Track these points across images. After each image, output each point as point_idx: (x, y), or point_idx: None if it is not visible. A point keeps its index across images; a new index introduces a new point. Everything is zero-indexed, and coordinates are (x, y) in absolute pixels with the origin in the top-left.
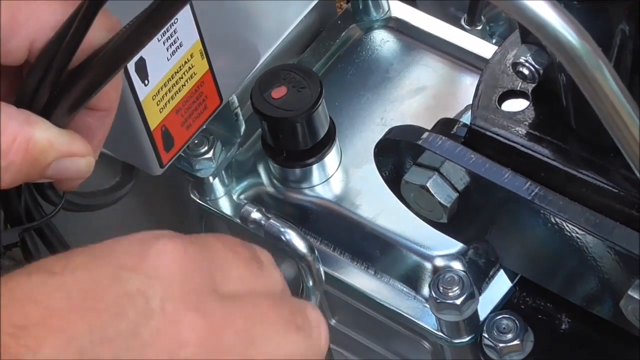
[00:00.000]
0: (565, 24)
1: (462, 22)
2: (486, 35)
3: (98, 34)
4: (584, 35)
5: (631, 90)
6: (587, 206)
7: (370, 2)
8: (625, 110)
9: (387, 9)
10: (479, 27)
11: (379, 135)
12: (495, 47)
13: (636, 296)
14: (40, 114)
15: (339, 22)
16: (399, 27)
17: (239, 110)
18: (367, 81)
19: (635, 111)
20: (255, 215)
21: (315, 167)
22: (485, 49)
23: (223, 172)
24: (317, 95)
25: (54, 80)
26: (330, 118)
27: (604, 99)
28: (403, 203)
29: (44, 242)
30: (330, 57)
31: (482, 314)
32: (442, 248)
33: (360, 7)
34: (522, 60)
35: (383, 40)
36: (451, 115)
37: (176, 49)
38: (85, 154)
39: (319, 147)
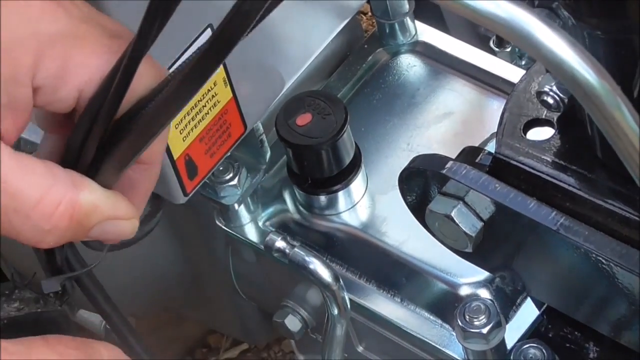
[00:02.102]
0: (583, 62)
1: (491, 44)
2: (515, 57)
3: (143, 81)
4: (602, 74)
5: None
6: (613, 236)
7: (397, 26)
8: None
9: (414, 32)
10: (508, 49)
11: (405, 161)
12: (524, 71)
13: None
14: (87, 172)
15: (366, 46)
16: (426, 52)
17: (264, 137)
18: (394, 106)
19: None
20: (280, 244)
21: (340, 193)
22: (513, 73)
23: (249, 198)
24: (342, 123)
25: (101, 134)
26: (356, 144)
27: (623, 138)
28: (428, 231)
29: (80, 286)
30: (357, 82)
31: (510, 343)
32: (468, 276)
33: (387, 30)
34: (546, 89)
35: (410, 65)
36: (478, 141)
37: None
38: (129, 217)
39: (345, 174)
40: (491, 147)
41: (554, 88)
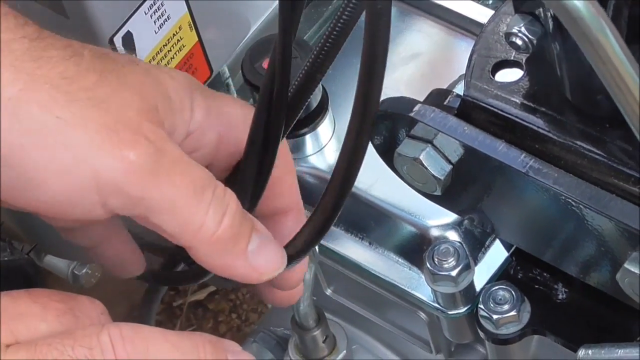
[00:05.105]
0: None
1: None
2: None
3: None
4: None
5: None
6: (582, 178)
7: None
8: (628, 73)
9: None
10: None
11: None
12: (492, 12)
13: (632, 269)
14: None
15: None
16: None
17: (230, 81)
18: (360, 48)
19: (638, 74)
20: None
21: (308, 137)
22: (481, 13)
23: None
24: None
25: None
26: (323, 87)
27: (606, 61)
28: (396, 174)
29: None
30: (323, 24)
31: (478, 285)
32: (437, 218)
33: None
34: (515, 30)
35: None
36: (446, 82)
37: (164, 22)
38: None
39: (312, 117)
40: (459, 90)
41: (523, 29)
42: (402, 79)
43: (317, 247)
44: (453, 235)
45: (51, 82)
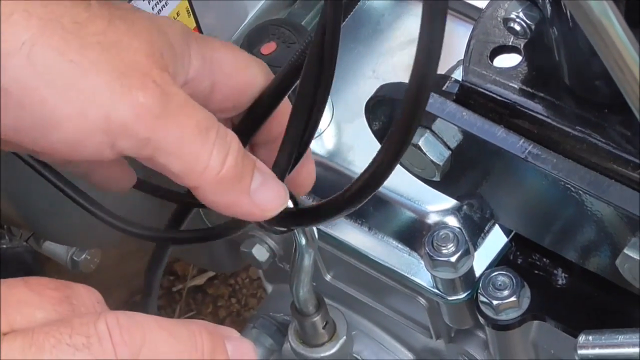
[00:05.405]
0: None
1: None
2: None
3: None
4: None
5: None
6: (581, 163)
7: None
8: (631, 56)
9: None
10: None
11: (371, 88)
12: None
13: (632, 254)
14: None
15: None
16: None
17: None
18: (358, 34)
19: None
20: None
21: None
22: None
23: None
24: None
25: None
26: None
27: (609, 44)
28: None
29: None
30: (321, 9)
31: (478, 270)
32: (436, 203)
33: None
34: (513, 15)
35: None
36: (444, 67)
37: (162, 8)
38: None
39: None
40: (458, 75)
41: (521, 14)
42: (400, 64)
43: (316, 233)
44: (452, 221)
45: (63, 27)
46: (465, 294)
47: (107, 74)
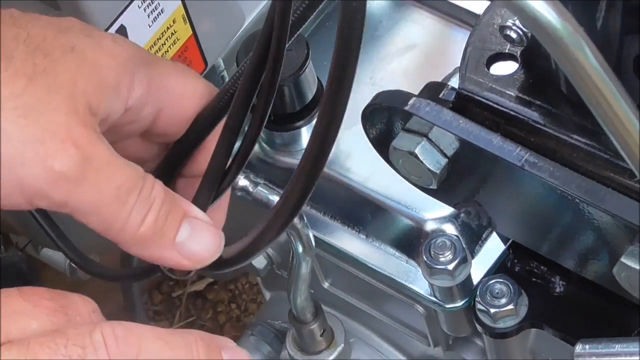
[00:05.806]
0: (545, 3)
1: None
2: None
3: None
4: (563, 15)
5: (621, 52)
6: (578, 172)
7: None
8: (609, 90)
9: None
10: None
11: (368, 95)
12: (488, 2)
13: (629, 263)
14: None
15: None
16: None
17: (225, 73)
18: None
19: (619, 90)
20: (243, 182)
21: (304, 129)
22: (476, 4)
23: None
24: (303, 58)
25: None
26: (319, 79)
27: (586, 79)
28: (392, 167)
29: None
30: (318, 16)
31: (475, 279)
32: (434, 211)
33: None
34: (509, 23)
35: None
36: (442, 73)
37: (158, 15)
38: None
39: (308, 110)
40: (454, 82)
41: (517, 22)
42: (398, 71)
43: (313, 240)
44: (450, 229)
45: None
46: (463, 301)
47: (21, 144)
